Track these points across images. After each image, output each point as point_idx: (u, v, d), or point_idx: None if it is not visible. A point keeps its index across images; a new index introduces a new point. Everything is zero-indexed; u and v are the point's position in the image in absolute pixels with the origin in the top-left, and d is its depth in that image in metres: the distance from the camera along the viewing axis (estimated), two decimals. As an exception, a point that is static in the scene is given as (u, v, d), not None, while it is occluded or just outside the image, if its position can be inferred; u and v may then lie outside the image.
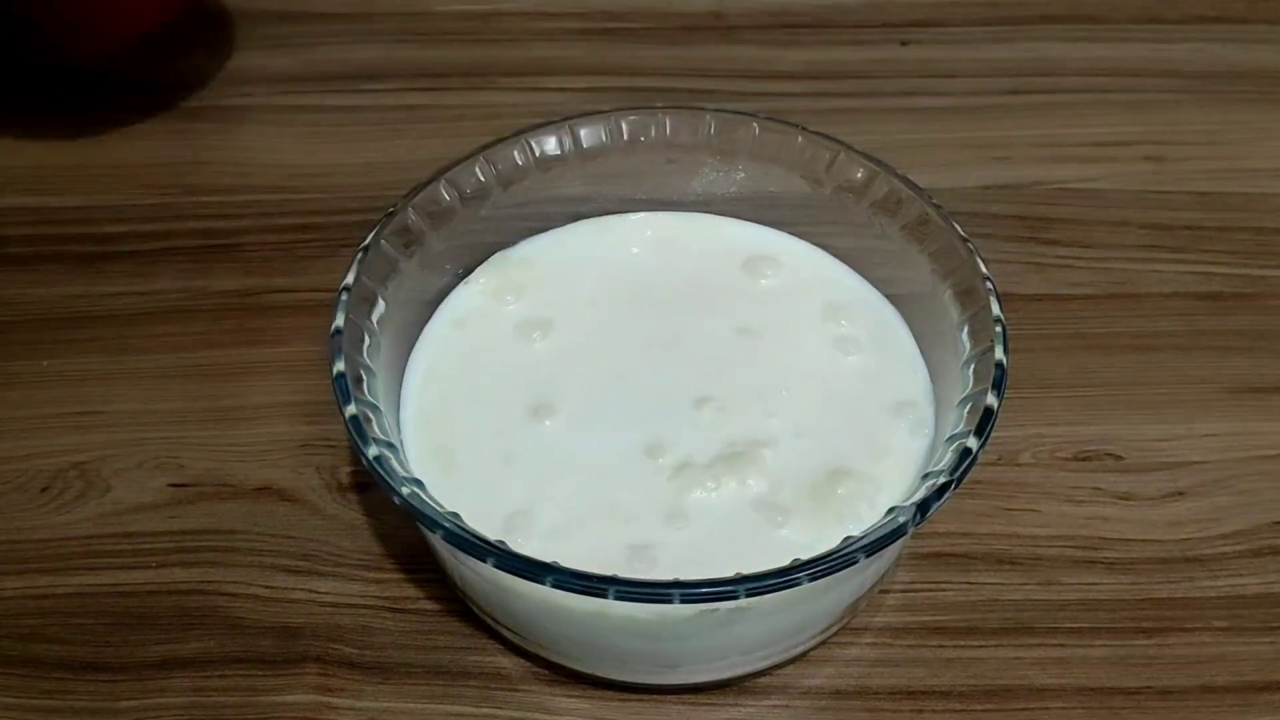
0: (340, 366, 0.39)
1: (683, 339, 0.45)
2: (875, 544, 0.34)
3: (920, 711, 0.41)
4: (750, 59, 0.68)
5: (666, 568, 0.38)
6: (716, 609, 0.35)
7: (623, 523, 0.39)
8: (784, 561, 0.34)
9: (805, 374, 0.44)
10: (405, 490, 0.36)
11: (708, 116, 0.47)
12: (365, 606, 0.44)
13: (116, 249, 0.57)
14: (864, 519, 0.38)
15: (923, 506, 0.35)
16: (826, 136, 0.46)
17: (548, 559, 0.34)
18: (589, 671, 0.41)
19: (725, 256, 0.48)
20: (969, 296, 0.41)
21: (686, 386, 0.43)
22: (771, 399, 0.43)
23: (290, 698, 0.41)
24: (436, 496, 0.37)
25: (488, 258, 0.47)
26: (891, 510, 0.36)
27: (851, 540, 0.35)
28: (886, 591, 0.44)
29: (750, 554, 0.35)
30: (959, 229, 0.43)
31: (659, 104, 0.48)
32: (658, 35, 0.69)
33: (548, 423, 0.42)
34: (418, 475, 0.38)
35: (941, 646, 0.43)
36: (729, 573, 0.34)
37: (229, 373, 0.51)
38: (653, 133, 0.47)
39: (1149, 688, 0.42)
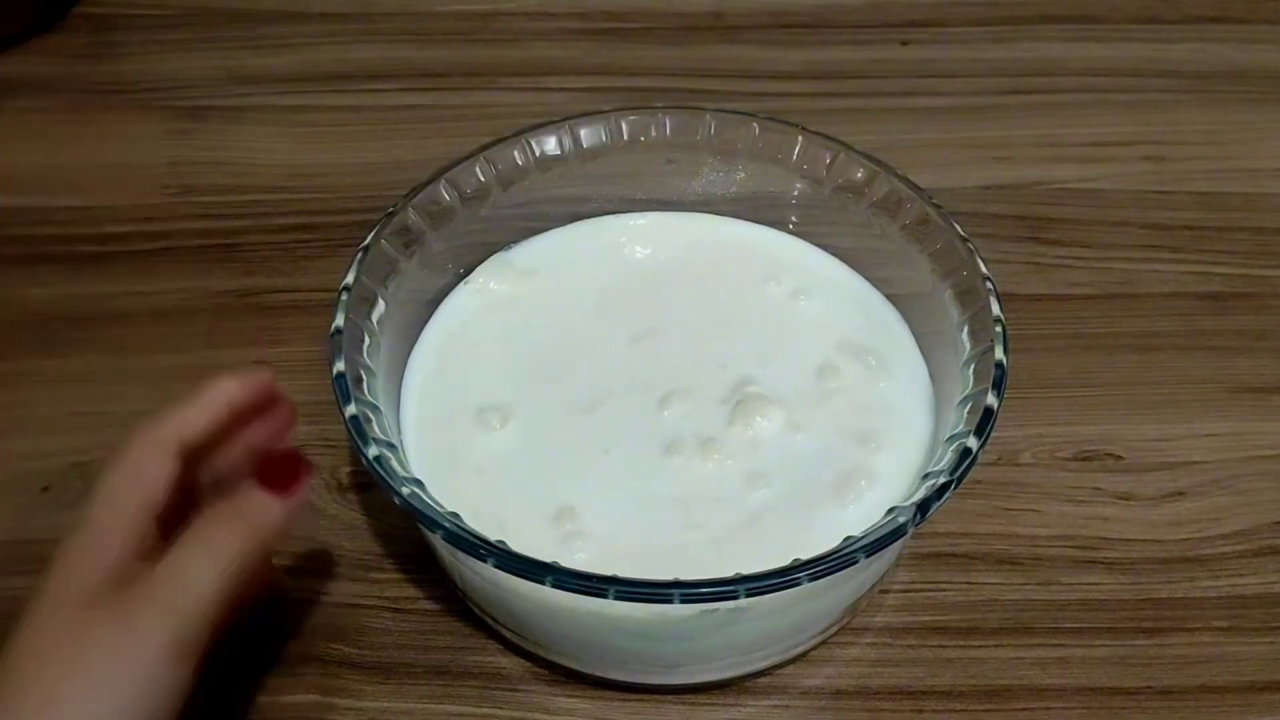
0: (340, 366, 0.38)
1: (673, 337, 0.45)
2: (875, 544, 0.34)
3: (920, 711, 0.41)
4: (750, 59, 0.68)
5: (802, 506, 0.40)
6: (716, 609, 0.35)
7: (721, 503, 0.40)
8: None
9: (754, 319, 0.46)
10: (405, 490, 0.36)
11: (708, 116, 0.47)
12: (365, 606, 0.44)
13: (116, 249, 0.57)
14: (863, 383, 0.43)
15: (923, 506, 0.35)
16: (826, 136, 0.46)
17: (734, 574, 0.34)
18: (589, 671, 0.41)
19: (725, 257, 0.48)
20: (969, 296, 0.41)
21: (658, 386, 0.43)
22: (724, 355, 0.44)
23: (290, 698, 0.41)
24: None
25: (488, 258, 0.47)
26: (891, 510, 0.36)
27: (851, 540, 0.35)
28: (886, 591, 0.44)
29: (841, 463, 0.41)
30: (959, 229, 0.43)
31: (659, 104, 0.48)
32: (658, 35, 0.69)
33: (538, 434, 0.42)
34: (417, 475, 0.38)
35: (941, 646, 0.43)
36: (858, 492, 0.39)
37: (229, 373, 0.51)
38: (653, 133, 0.47)
39: (1149, 688, 0.42)
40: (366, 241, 0.42)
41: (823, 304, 0.46)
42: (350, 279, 0.41)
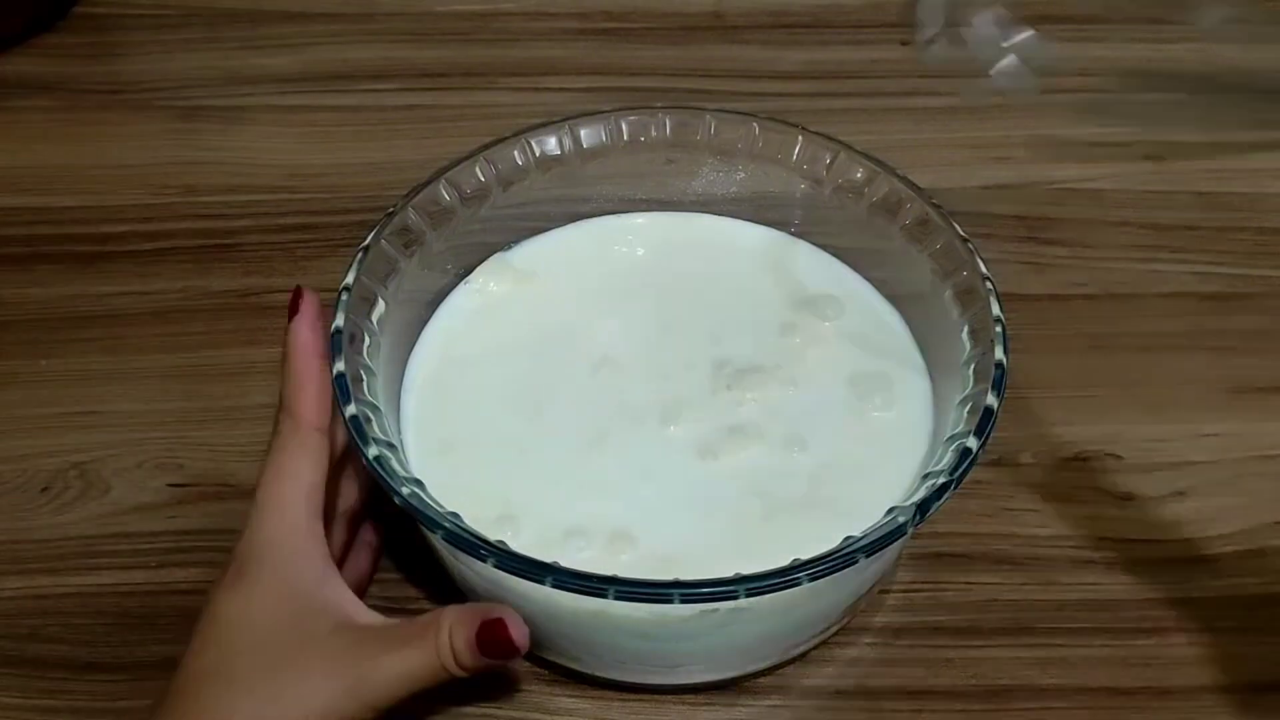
0: (340, 366, 0.39)
1: (667, 341, 0.45)
2: (875, 544, 0.34)
3: (920, 711, 0.41)
4: (750, 59, 0.68)
5: (842, 452, 0.42)
6: (716, 609, 0.35)
7: (787, 478, 0.41)
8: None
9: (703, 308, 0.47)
10: (405, 490, 0.36)
11: (708, 116, 0.47)
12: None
13: (116, 249, 0.57)
14: (822, 327, 0.45)
15: (923, 506, 0.35)
16: (826, 136, 0.46)
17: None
18: (589, 671, 0.41)
19: (725, 257, 0.48)
20: (969, 296, 0.41)
21: (660, 399, 0.43)
22: (690, 354, 0.45)
23: (290, 698, 0.41)
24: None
25: (487, 258, 0.47)
26: (891, 510, 0.36)
27: (851, 540, 0.35)
28: (886, 591, 0.44)
29: (845, 402, 0.43)
30: (959, 229, 0.43)
31: (659, 104, 0.48)
32: (658, 35, 0.69)
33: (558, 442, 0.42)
34: (417, 475, 0.38)
35: (941, 646, 0.43)
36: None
37: (229, 373, 0.51)
38: (653, 133, 0.47)
39: (1149, 688, 0.42)
40: (366, 241, 0.42)
41: (773, 277, 0.47)
42: (350, 279, 0.41)
